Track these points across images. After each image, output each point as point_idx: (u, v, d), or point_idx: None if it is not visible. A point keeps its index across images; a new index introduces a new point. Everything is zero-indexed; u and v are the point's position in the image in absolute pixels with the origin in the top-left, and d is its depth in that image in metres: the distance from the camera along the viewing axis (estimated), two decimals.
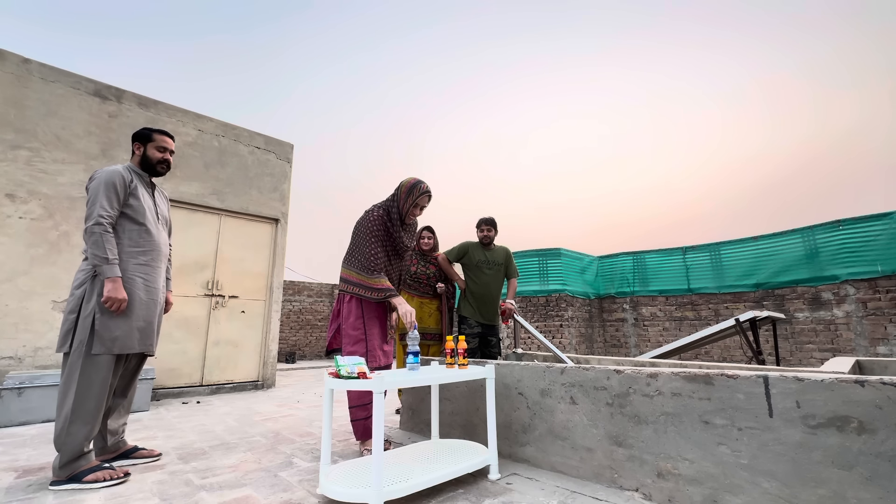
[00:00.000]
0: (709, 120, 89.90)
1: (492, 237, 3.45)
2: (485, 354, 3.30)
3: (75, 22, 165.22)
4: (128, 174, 2.04)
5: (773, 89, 75.11)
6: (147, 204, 2.09)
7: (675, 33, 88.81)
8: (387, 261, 2.33)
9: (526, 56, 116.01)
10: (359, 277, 2.24)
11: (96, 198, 1.92)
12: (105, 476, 1.81)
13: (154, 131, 2.17)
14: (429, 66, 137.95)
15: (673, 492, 1.52)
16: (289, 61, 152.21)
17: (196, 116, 4.76)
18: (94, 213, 1.90)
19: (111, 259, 1.87)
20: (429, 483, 1.59)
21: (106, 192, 1.93)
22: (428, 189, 2.32)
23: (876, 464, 1.17)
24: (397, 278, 2.45)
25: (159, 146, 2.16)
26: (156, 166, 2.16)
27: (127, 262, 1.98)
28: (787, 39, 76.57)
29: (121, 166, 2.05)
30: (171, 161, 2.20)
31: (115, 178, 1.97)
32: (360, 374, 1.64)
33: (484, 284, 3.34)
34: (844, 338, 5.46)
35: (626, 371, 1.72)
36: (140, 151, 2.15)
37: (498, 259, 3.43)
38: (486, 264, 3.39)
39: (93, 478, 1.78)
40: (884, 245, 5.30)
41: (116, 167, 2.03)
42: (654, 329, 7.35)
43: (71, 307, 1.88)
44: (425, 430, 2.51)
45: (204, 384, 4.39)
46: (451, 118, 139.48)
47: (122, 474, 1.85)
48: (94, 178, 1.98)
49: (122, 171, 2.02)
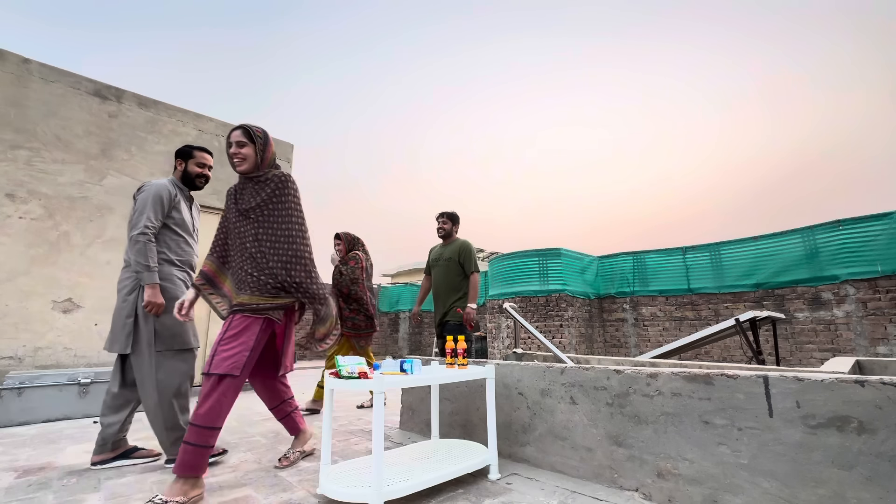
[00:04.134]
0: (709, 120, 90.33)
1: (447, 230, 3.33)
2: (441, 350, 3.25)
3: (76, 21, 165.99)
4: (173, 188, 2.21)
5: (772, 90, 75.54)
6: (186, 216, 2.26)
7: (675, 34, 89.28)
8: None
9: (526, 57, 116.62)
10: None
11: (144, 209, 2.09)
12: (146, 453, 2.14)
13: (195, 149, 2.32)
14: (429, 66, 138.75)
15: (673, 492, 1.52)
16: (289, 61, 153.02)
17: (196, 116, 4.76)
18: (140, 223, 2.06)
19: (152, 267, 2.03)
20: (429, 483, 1.59)
21: (153, 204, 2.10)
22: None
23: (876, 464, 1.17)
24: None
25: (199, 162, 2.31)
26: (195, 181, 2.31)
27: (171, 268, 2.15)
28: (787, 40, 77.02)
29: (166, 180, 2.23)
30: (209, 176, 2.37)
31: (162, 193, 2.14)
32: (360, 374, 1.65)
33: (437, 284, 3.28)
34: (844, 338, 5.46)
35: (626, 371, 1.72)
36: (181, 167, 2.30)
37: (447, 254, 3.28)
38: (437, 261, 3.31)
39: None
40: (884, 245, 5.29)
41: (163, 181, 2.21)
42: (654, 329, 7.35)
43: (127, 312, 2.06)
44: (425, 430, 2.51)
45: None
46: (452, 118, 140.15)
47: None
48: (143, 190, 2.16)
49: (168, 185, 2.20)
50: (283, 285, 1.85)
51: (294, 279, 1.86)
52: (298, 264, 1.88)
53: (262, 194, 1.88)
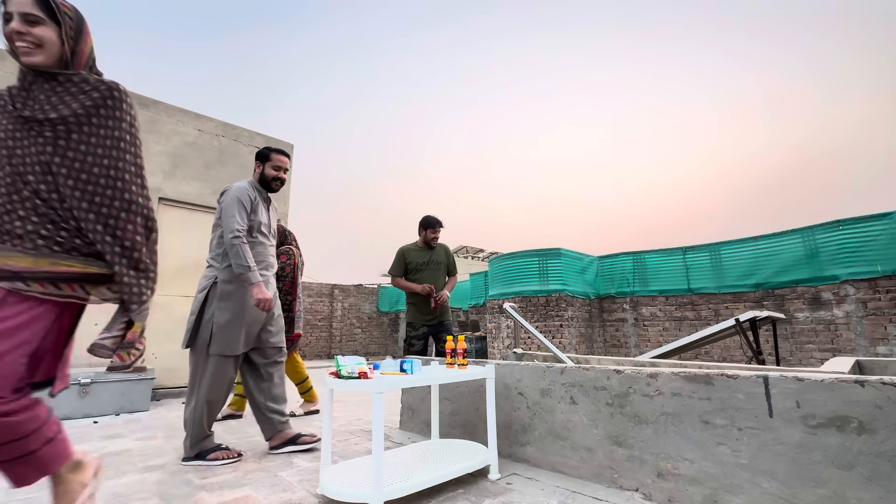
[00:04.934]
0: (708, 120, 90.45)
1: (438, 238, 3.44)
2: (439, 352, 3.32)
3: None
4: (252, 191, 2.26)
5: (772, 90, 75.62)
6: (262, 219, 2.29)
7: (675, 34, 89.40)
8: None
9: (528, 58, 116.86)
10: None
11: (228, 212, 2.14)
12: (223, 455, 2.05)
13: (272, 151, 2.34)
14: (428, 67, 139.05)
15: (673, 492, 1.52)
16: (291, 61, 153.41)
17: (196, 116, 4.76)
18: (230, 226, 2.10)
19: (252, 266, 2.07)
20: (429, 483, 1.59)
21: (237, 207, 2.15)
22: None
23: (876, 464, 1.17)
24: None
25: (275, 165, 2.33)
26: (271, 183, 2.34)
27: None
28: (787, 40, 77.12)
29: (246, 182, 2.29)
30: (285, 179, 2.39)
31: (240, 196, 2.19)
32: (360, 374, 1.64)
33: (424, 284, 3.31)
34: (844, 338, 5.46)
35: (626, 371, 1.72)
36: (259, 169, 2.34)
37: (438, 258, 3.41)
38: (425, 265, 3.37)
39: (213, 457, 2.03)
40: (884, 245, 5.29)
41: (243, 184, 2.27)
42: (654, 329, 7.35)
43: (192, 308, 2.14)
44: (425, 430, 2.51)
45: None
46: (452, 119, 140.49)
47: (235, 454, 2.10)
48: (226, 193, 2.22)
49: (247, 187, 2.25)
50: (91, 246, 1.17)
51: (119, 240, 1.18)
52: (129, 219, 1.19)
53: (76, 104, 1.15)
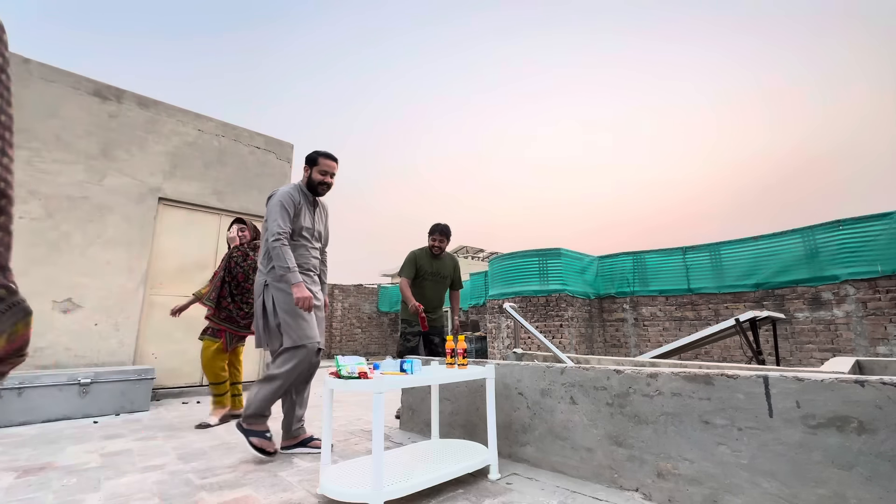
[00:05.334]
0: (709, 120, 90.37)
1: (443, 248, 3.43)
2: (430, 353, 3.35)
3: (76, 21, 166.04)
4: (297, 194, 2.32)
5: (773, 89, 75.56)
6: (306, 223, 2.35)
7: (675, 34, 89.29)
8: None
9: (527, 57, 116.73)
10: None
11: (272, 216, 2.23)
12: (261, 444, 2.11)
13: (320, 155, 2.37)
14: (427, 66, 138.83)
15: (673, 492, 1.52)
16: (289, 61, 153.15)
17: (196, 116, 4.76)
18: (273, 229, 2.19)
19: (292, 267, 2.14)
20: (429, 483, 1.59)
21: (280, 211, 2.23)
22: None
23: (876, 464, 1.17)
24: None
25: (322, 170, 2.37)
26: (317, 188, 2.38)
27: None
28: (787, 40, 77.04)
29: (292, 186, 2.35)
30: (331, 183, 2.41)
31: (284, 200, 2.25)
32: (360, 374, 1.64)
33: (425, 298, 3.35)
34: (844, 338, 5.46)
35: (626, 371, 1.72)
36: (307, 173, 2.38)
37: (445, 271, 3.44)
38: (432, 275, 3.40)
39: (255, 441, 2.10)
40: (884, 245, 5.29)
41: (288, 188, 2.32)
42: (654, 329, 7.35)
43: (257, 312, 2.25)
44: (425, 430, 2.51)
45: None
46: (451, 119, 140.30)
47: (272, 450, 2.13)
48: (272, 197, 2.28)
49: (292, 191, 2.31)
50: None
51: None
52: None
53: None
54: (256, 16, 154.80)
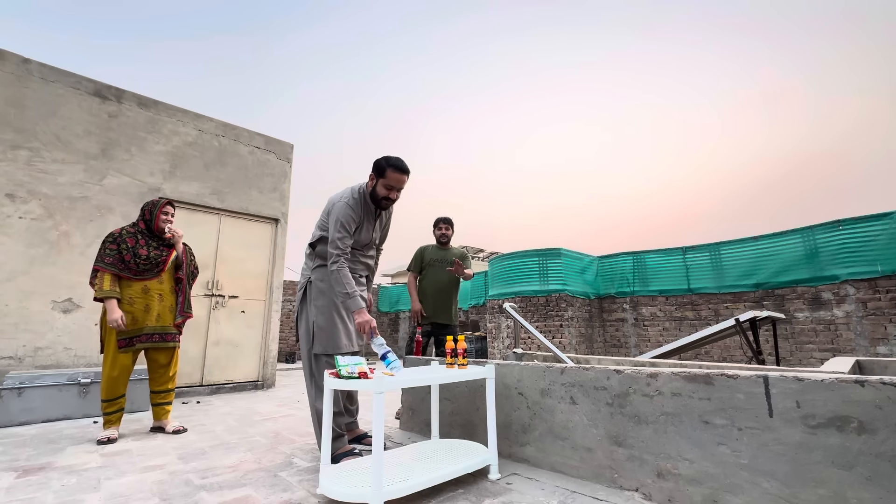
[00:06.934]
0: (708, 120, 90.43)
1: (449, 236, 3.45)
2: (438, 354, 3.34)
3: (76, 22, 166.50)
4: (358, 209, 2.17)
5: (772, 90, 75.60)
6: (364, 238, 2.27)
7: (674, 35, 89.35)
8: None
9: (527, 58, 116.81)
10: None
11: (331, 232, 2.12)
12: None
13: (389, 166, 2.13)
14: (426, 67, 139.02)
15: (673, 492, 1.52)
16: (288, 62, 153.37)
17: (196, 116, 4.76)
18: (331, 250, 2.09)
19: (351, 293, 2.04)
20: (429, 483, 1.59)
21: (339, 229, 2.10)
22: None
23: (876, 464, 1.17)
24: None
25: (388, 184, 2.15)
26: (381, 202, 2.20)
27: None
28: (786, 41, 77.06)
29: (352, 198, 2.16)
30: (396, 199, 2.22)
31: (345, 218, 2.11)
32: (360, 374, 1.65)
33: (436, 282, 3.33)
34: (844, 338, 5.46)
35: (626, 371, 1.72)
36: (372, 182, 2.19)
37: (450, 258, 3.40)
38: (440, 262, 3.38)
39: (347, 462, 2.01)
40: (884, 245, 5.29)
41: (347, 199, 2.15)
42: (654, 329, 7.34)
43: (296, 316, 2.27)
44: (425, 430, 2.51)
45: (204, 384, 4.39)
46: (451, 119, 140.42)
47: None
48: (332, 212, 2.15)
49: (353, 207, 2.15)
50: None
51: None
52: None
53: None
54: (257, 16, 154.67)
